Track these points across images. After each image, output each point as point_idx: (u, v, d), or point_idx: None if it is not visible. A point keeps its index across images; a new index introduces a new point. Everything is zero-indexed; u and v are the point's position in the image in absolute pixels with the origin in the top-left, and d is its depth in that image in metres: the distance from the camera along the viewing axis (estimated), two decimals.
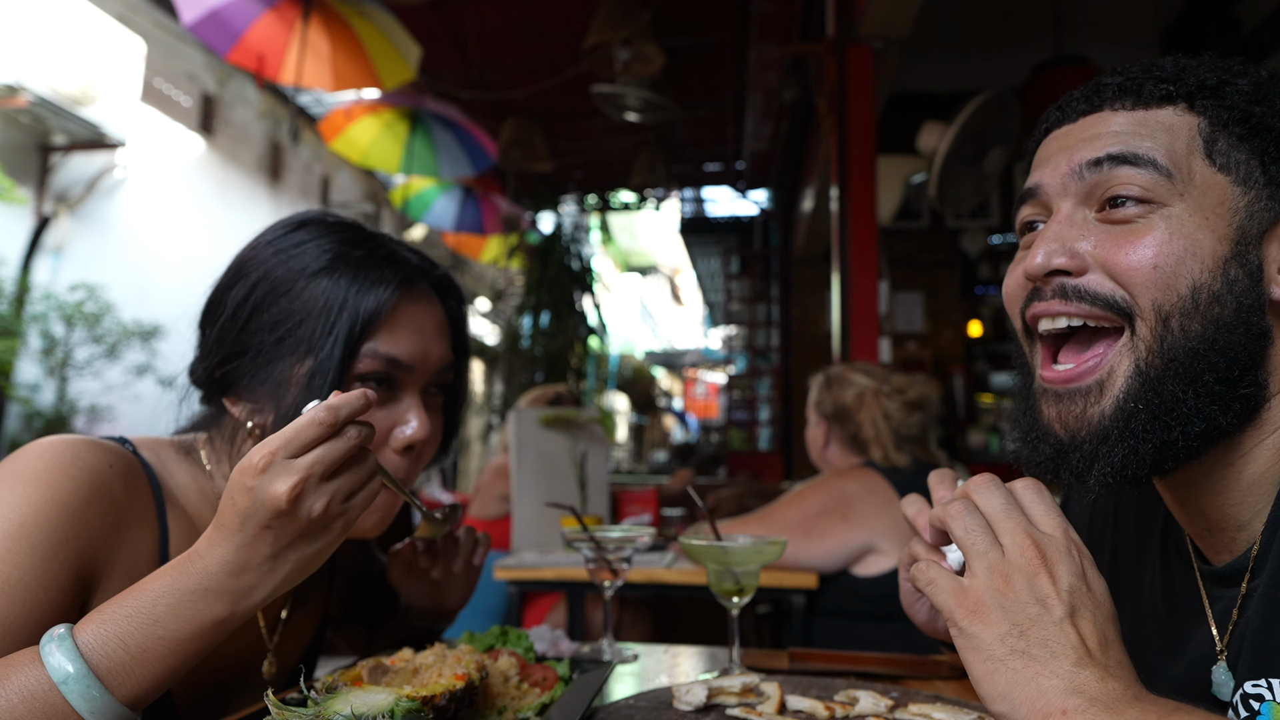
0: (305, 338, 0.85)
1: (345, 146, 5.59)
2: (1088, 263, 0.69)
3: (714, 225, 10.13)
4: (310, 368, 0.85)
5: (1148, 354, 0.66)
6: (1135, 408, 0.66)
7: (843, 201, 3.51)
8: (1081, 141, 0.71)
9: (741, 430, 8.66)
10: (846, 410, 2.12)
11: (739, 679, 0.91)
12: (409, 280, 0.92)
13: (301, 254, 0.89)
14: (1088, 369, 0.69)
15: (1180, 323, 0.65)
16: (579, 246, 7.65)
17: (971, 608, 0.59)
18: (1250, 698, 0.63)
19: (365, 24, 4.19)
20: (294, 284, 0.87)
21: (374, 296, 0.87)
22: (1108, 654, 0.57)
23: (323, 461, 0.69)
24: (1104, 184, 0.69)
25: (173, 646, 0.69)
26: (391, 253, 0.93)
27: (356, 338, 0.86)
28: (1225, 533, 0.71)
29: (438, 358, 0.94)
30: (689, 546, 1.08)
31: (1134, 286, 0.66)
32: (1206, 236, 0.66)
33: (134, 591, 0.70)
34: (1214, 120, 0.68)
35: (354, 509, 0.73)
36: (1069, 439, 0.69)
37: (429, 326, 0.93)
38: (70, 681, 0.64)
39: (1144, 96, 0.70)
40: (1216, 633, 0.70)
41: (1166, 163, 0.67)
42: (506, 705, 0.84)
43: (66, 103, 5.72)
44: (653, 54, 4.50)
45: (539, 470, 2.70)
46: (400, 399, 0.91)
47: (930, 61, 5.12)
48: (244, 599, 0.71)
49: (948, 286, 6.38)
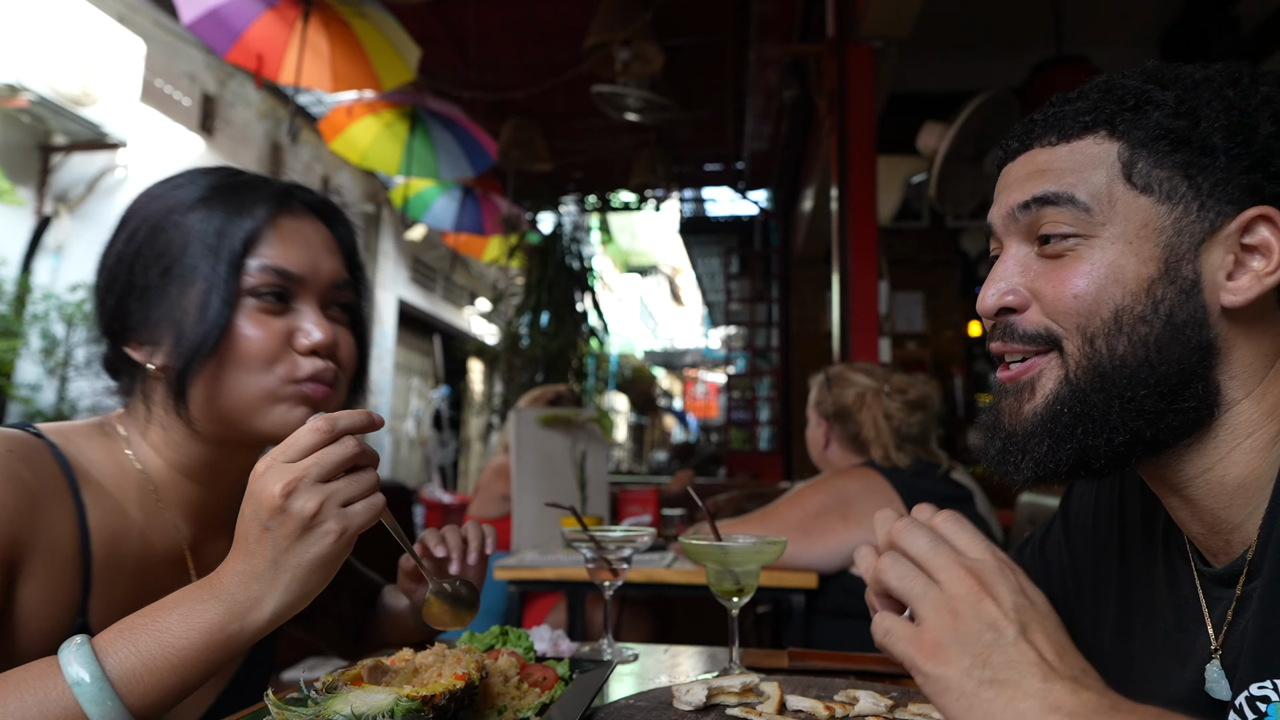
0: (190, 265, 0.87)
1: (345, 147, 5.59)
2: (1027, 298, 0.74)
3: (714, 225, 10.13)
4: (200, 291, 0.86)
5: (1076, 367, 0.71)
6: (1060, 410, 0.71)
7: (843, 201, 3.51)
8: (1015, 182, 0.76)
9: (741, 430, 8.66)
10: (847, 410, 2.12)
11: (739, 679, 0.91)
12: (284, 197, 0.94)
13: (177, 193, 0.91)
14: (1023, 369, 0.75)
15: (1105, 343, 0.69)
16: (579, 246, 7.65)
17: (930, 651, 0.58)
18: (1257, 700, 0.63)
19: (364, 24, 4.19)
20: (171, 218, 0.89)
21: (251, 216, 0.90)
22: (1068, 663, 0.56)
23: (317, 464, 0.72)
24: (1036, 223, 0.73)
25: (183, 657, 0.70)
26: (265, 180, 0.95)
27: (239, 254, 0.88)
28: (1220, 535, 0.71)
29: (329, 270, 0.95)
30: (689, 546, 1.08)
31: (1059, 317, 0.71)
32: (1130, 261, 0.69)
33: (155, 605, 0.73)
34: (1132, 142, 0.70)
35: (352, 517, 0.74)
36: (1010, 432, 0.75)
37: (314, 241, 0.95)
38: (85, 687, 0.66)
39: (1065, 130, 0.73)
40: (1212, 632, 0.71)
41: (1085, 198, 0.70)
42: (506, 705, 0.84)
43: (66, 103, 5.72)
44: (653, 54, 4.50)
45: (539, 470, 2.70)
46: (298, 309, 0.92)
47: (930, 61, 5.12)
48: (252, 610, 0.72)
49: (948, 286, 6.38)
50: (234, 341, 0.87)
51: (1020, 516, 2.69)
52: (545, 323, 7.34)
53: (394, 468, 10.61)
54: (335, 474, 0.73)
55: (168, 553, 0.92)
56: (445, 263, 12.30)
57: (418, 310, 11.81)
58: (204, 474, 0.94)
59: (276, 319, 0.90)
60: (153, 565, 0.90)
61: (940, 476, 2.04)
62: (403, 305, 11.34)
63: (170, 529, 0.92)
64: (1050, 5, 4.15)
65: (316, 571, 0.73)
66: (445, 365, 11.59)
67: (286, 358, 0.90)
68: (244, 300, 0.88)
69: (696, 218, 10.18)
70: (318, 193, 1.00)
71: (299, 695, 0.74)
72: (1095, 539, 0.90)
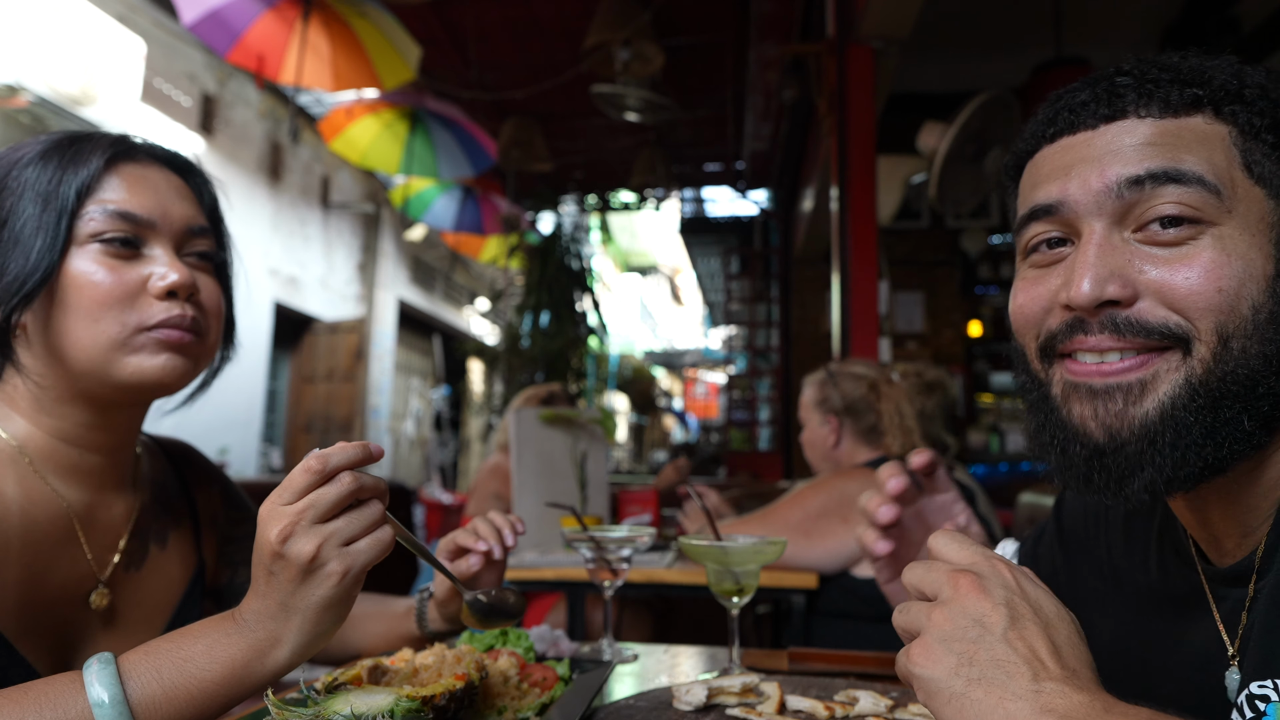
0: (24, 215, 0.86)
1: (345, 146, 5.59)
2: (1138, 290, 0.64)
3: (714, 225, 10.13)
4: (34, 240, 0.86)
5: (1203, 372, 0.63)
6: (1188, 420, 0.63)
7: (843, 201, 3.51)
8: (1110, 154, 0.66)
9: (741, 430, 8.66)
10: (863, 401, 2.10)
11: (739, 679, 0.91)
12: (123, 146, 0.93)
13: (16, 153, 0.91)
14: (1130, 366, 0.65)
15: (1241, 344, 0.62)
16: (579, 246, 7.66)
17: (920, 654, 0.58)
18: (1256, 698, 0.63)
19: (365, 24, 4.19)
20: (9, 175, 0.89)
21: (86, 165, 0.89)
22: (1061, 661, 0.55)
23: (312, 506, 0.70)
24: (1145, 203, 0.64)
25: (203, 688, 0.70)
26: (104, 134, 0.94)
27: (72, 200, 0.87)
28: (1232, 536, 0.70)
29: (181, 215, 0.93)
30: (689, 546, 1.08)
31: (1194, 312, 0.62)
32: (1257, 255, 0.63)
33: (181, 631, 0.73)
34: (1245, 129, 0.64)
35: (355, 556, 0.72)
36: (1107, 440, 0.65)
37: (162, 186, 0.93)
38: (104, 709, 0.66)
39: (1171, 103, 0.65)
40: (1226, 637, 0.69)
41: (1213, 179, 0.63)
42: (506, 705, 0.84)
43: (66, 103, 5.72)
44: (653, 54, 4.50)
45: (539, 470, 2.70)
46: (150, 255, 0.91)
47: (930, 61, 5.12)
48: (272, 649, 0.71)
49: (948, 286, 6.38)
50: (77, 288, 0.87)
51: (1020, 516, 2.69)
52: (545, 323, 7.34)
53: (394, 468, 10.62)
54: (333, 513, 0.71)
55: (53, 525, 0.89)
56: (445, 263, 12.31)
57: (417, 310, 11.82)
58: (83, 437, 0.92)
59: (126, 264, 0.89)
60: (39, 540, 0.87)
61: None
62: (403, 305, 11.34)
63: (53, 499, 0.90)
64: (1050, 5, 4.15)
65: (326, 613, 0.72)
66: (445, 365, 11.60)
67: (139, 304, 0.89)
68: (88, 246, 0.88)
69: (696, 218, 10.19)
70: (167, 147, 0.99)
71: (299, 695, 0.74)
72: (1088, 539, 0.89)
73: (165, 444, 1.12)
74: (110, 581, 0.94)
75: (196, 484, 1.12)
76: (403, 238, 10.90)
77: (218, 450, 7.23)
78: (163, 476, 1.07)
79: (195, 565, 1.06)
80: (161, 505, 1.04)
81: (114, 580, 0.94)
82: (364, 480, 0.73)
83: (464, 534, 1.07)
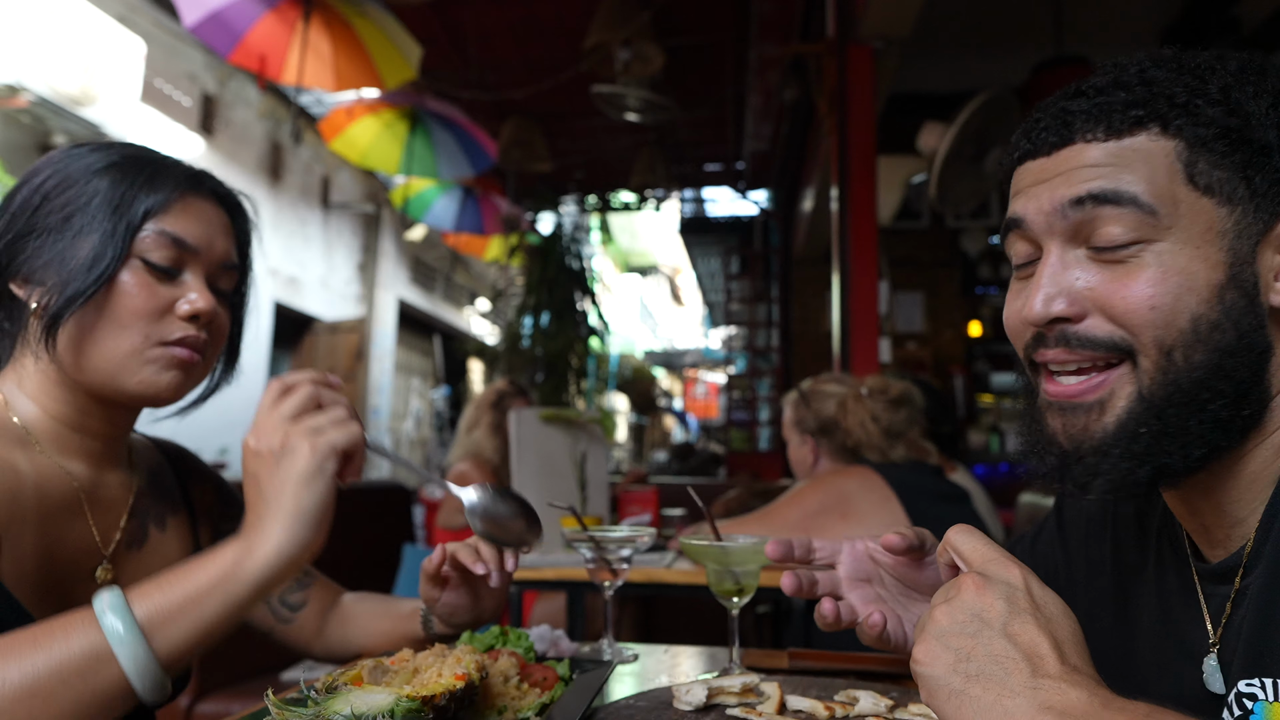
0: (91, 217, 0.92)
1: (345, 146, 5.59)
2: (1086, 306, 0.68)
3: (714, 225, 10.13)
4: (94, 243, 0.91)
5: (1150, 383, 0.66)
6: (1138, 430, 0.66)
7: (843, 201, 3.51)
8: (1059, 177, 0.70)
9: (741, 430, 8.66)
10: (832, 421, 2.10)
11: (739, 679, 0.91)
12: (193, 180, 0.99)
13: (93, 155, 0.96)
14: (1090, 387, 0.70)
15: (1184, 354, 0.65)
16: (579, 247, 7.65)
17: (922, 651, 0.59)
18: (1244, 697, 0.63)
19: (366, 24, 4.19)
20: (84, 175, 0.94)
21: (160, 189, 0.95)
22: (1062, 658, 0.55)
23: (277, 409, 0.81)
24: (1091, 224, 0.68)
25: (199, 590, 0.76)
26: (179, 162, 1.01)
27: (139, 216, 0.93)
28: (1221, 529, 0.71)
29: (222, 250, 1.00)
30: (689, 546, 1.08)
31: (1133, 327, 0.66)
32: (1200, 267, 0.65)
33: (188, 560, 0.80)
34: (1191, 142, 0.66)
35: (320, 432, 0.80)
36: (1072, 450, 0.70)
37: (214, 221, 1.00)
38: (117, 635, 0.71)
39: (1114, 125, 0.68)
40: (1210, 626, 0.71)
41: (1149, 199, 0.65)
42: (506, 705, 0.84)
43: (66, 103, 5.72)
44: (653, 54, 4.50)
45: (539, 470, 2.70)
46: (185, 281, 0.97)
47: (930, 61, 5.12)
48: (258, 540, 0.78)
49: (948, 286, 6.38)
50: (117, 296, 0.92)
51: (1021, 516, 2.69)
52: (545, 323, 7.34)
53: (394, 468, 10.62)
54: (299, 415, 0.81)
55: (63, 498, 0.93)
56: (445, 263, 12.30)
57: (418, 310, 11.82)
58: (83, 425, 0.96)
59: (162, 285, 0.94)
60: (52, 513, 0.91)
61: (933, 472, 2.04)
62: (403, 305, 11.34)
63: (61, 475, 0.94)
64: (1050, 5, 4.15)
65: (302, 489, 0.78)
66: (445, 365, 11.60)
67: (163, 322, 0.94)
68: (134, 261, 0.93)
69: (696, 218, 10.19)
70: (227, 185, 1.05)
71: (299, 695, 0.74)
72: (1089, 536, 0.90)
73: (160, 443, 1.16)
74: (113, 557, 0.98)
75: (191, 480, 1.15)
76: (403, 238, 10.90)
77: (218, 450, 7.22)
78: (158, 468, 1.11)
79: (193, 551, 1.10)
80: (158, 493, 1.08)
81: (117, 556, 0.99)
82: (325, 391, 0.83)
83: (465, 551, 1.05)
